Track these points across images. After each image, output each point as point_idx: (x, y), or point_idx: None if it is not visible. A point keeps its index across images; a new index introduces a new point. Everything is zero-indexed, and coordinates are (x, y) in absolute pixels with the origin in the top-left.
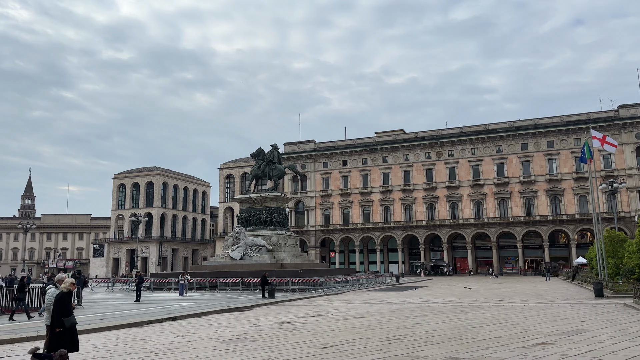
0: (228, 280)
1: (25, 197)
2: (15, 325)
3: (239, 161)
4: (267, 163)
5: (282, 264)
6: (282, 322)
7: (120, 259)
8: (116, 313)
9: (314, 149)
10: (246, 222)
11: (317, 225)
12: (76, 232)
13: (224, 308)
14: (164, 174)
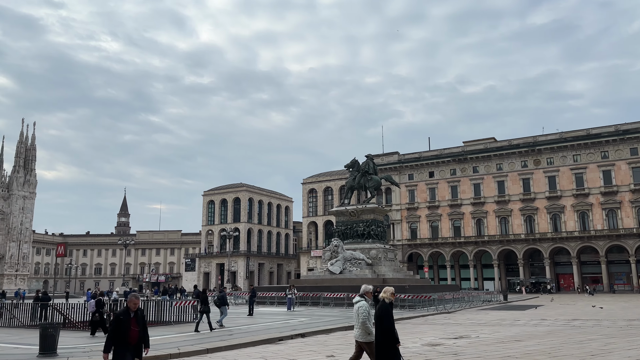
0: (331, 295)
1: (121, 215)
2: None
3: (321, 175)
4: (362, 174)
5: (384, 279)
6: (428, 344)
7: (211, 273)
8: (240, 328)
9: (398, 161)
10: (343, 235)
11: (404, 239)
12: (168, 247)
13: (347, 325)
14: (249, 190)
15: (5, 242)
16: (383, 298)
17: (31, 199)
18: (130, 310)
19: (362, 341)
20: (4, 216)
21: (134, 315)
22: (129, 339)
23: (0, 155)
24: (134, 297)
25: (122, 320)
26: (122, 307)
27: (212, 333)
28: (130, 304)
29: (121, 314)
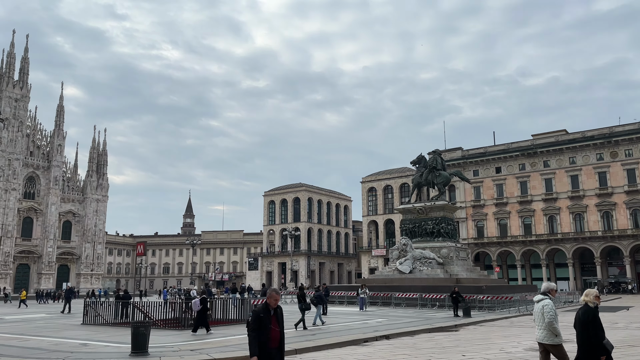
0: (403, 295)
1: (187, 216)
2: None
3: (380, 174)
4: (430, 170)
5: (458, 279)
6: (531, 348)
7: (273, 272)
8: (320, 328)
9: (462, 157)
10: (410, 233)
11: (470, 238)
12: (231, 247)
13: (429, 327)
14: (308, 190)
15: (81, 243)
16: (586, 302)
17: (104, 202)
18: (270, 308)
19: (549, 343)
20: (80, 219)
21: (274, 313)
22: (270, 341)
23: (75, 161)
24: (274, 292)
25: (263, 318)
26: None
27: (304, 331)
28: (271, 300)
29: (261, 311)
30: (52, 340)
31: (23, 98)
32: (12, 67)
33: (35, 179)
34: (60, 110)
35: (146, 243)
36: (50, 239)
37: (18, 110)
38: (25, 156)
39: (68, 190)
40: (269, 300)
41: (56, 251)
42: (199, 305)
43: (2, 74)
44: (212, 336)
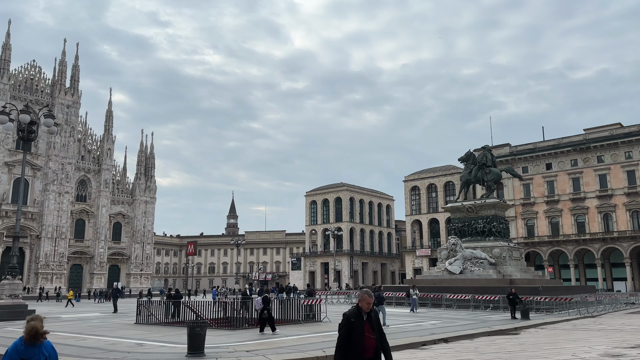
0: (454, 296)
1: (230, 217)
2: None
3: (423, 172)
4: (479, 167)
5: (511, 280)
6: (606, 354)
7: (316, 272)
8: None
9: (510, 153)
10: (460, 232)
11: (519, 237)
12: (274, 247)
13: (488, 330)
14: (350, 190)
15: (130, 244)
16: None
17: (152, 203)
18: (363, 312)
19: None
20: (129, 220)
21: (367, 318)
22: (364, 350)
23: (124, 165)
24: (366, 294)
25: (354, 324)
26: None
27: None
28: (363, 303)
29: (352, 315)
30: (108, 340)
31: (74, 104)
32: (63, 75)
33: (86, 182)
34: (109, 116)
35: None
36: (101, 240)
37: (70, 116)
38: (77, 160)
39: (118, 192)
40: (362, 303)
41: (107, 252)
42: (261, 305)
43: (55, 82)
44: (267, 336)
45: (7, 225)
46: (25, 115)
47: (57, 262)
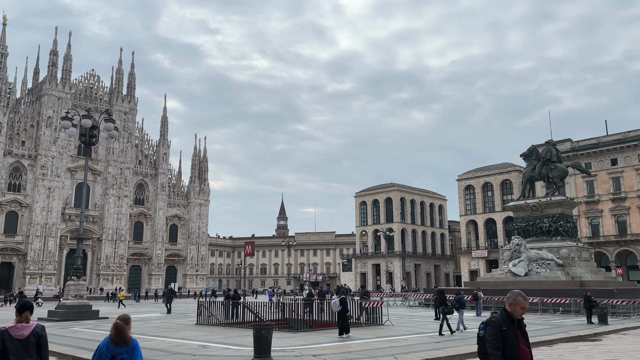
0: None
1: (280, 218)
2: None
3: (478, 171)
4: (543, 163)
5: (582, 282)
6: None
7: (367, 273)
8: (444, 333)
9: (571, 149)
10: (523, 232)
11: (583, 237)
12: (324, 248)
13: (566, 336)
14: (400, 190)
15: (186, 246)
16: None
17: (206, 206)
18: (515, 318)
19: None
20: (184, 222)
21: (518, 326)
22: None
23: (179, 169)
24: (521, 297)
25: (507, 334)
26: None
27: (449, 337)
28: (516, 307)
29: (503, 322)
30: (171, 341)
31: (131, 111)
32: (120, 83)
33: (144, 186)
34: (164, 121)
35: (254, 243)
36: (158, 242)
37: (127, 122)
38: (135, 165)
39: (173, 195)
40: (513, 307)
41: (164, 253)
42: (339, 306)
43: (113, 89)
44: (333, 340)
45: (71, 228)
46: (87, 120)
47: (117, 264)
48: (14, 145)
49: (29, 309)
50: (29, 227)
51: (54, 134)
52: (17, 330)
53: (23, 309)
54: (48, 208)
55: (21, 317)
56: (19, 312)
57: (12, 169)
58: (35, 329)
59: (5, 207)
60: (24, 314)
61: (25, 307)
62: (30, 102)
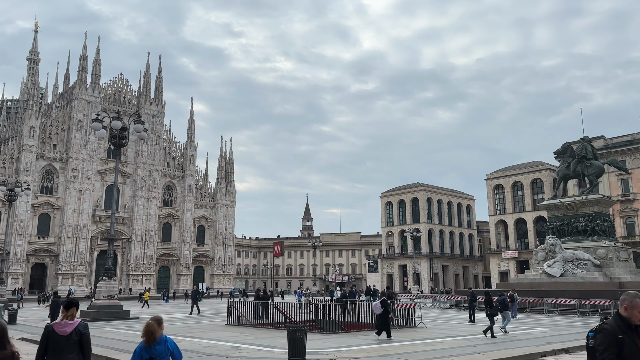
0: (557, 301)
1: (305, 219)
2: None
3: (507, 169)
4: (578, 160)
5: (621, 283)
6: None
7: (394, 274)
8: (478, 337)
9: (605, 146)
10: (558, 232)
11: (618, 236)
12: (349, 249)
13: None
14: (427, 190)
15: (213, 246)
16: None
17: (232, 207)
18: (633, 324)
19: None
20: (211, 223)
21: (637, 332)
22: None
23: (205, 170)
24: (639, 299)
25: (624, 342)
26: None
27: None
28: (635, 311)
29: (618, 329)
30: (203, 342)
31: (159, 114)
32: (148, 86)
33: (171, 187)
34: (191, 124)
35: (283, 244)
36: (186, 243)
37: (155, 125)
38: (163, 167)
39: (200, 197)
40: (630, 312)
41: (192, 254)
42: (381, 309)
43: (140, 93)
44: (366, 342)
45: (101, 229)
46: (117, 122)
47: (146, 264)
48: (46, 149)
49: (75, 305)
50: (60, 229)
51: (84, 137)
52: (61, 327)
53: (70, 306)
54: (79, 210)
55: (67, 313)
56: (65, 309)
57: (45, 171)
58: (78, 327)
59: (38, 209)
60: (70, 310)
61: (72, 303)
62: (61, 106)
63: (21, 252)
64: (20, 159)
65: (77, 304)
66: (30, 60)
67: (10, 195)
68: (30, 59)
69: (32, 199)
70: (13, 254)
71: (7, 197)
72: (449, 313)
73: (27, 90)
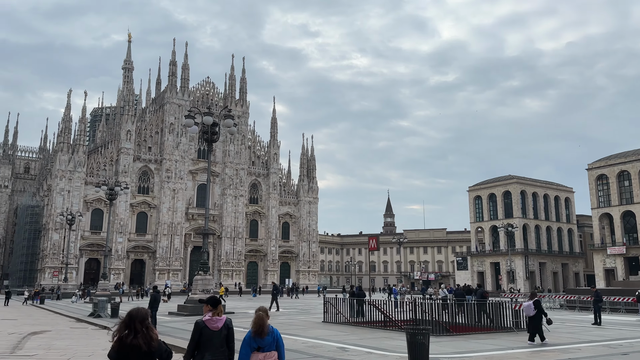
0: None
1: (387, 215)
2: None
3: (612, 158)
4: None
5: None
6: None
7: (485, 272)
8: (624, 344)
9: None
10: None
11: None
12: (434, 245)
13: None
14: (520, 182)
15: (298, 243)
16: None
17: (315, 203)
18: None
19: None
20: (296, 220)
21: None
22: None
23: (288, 168)
24: None
25: None
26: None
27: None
28: None
29: None
30: (305, 341)
31: (244, 114)
32: (233, 88)
33: (257, 185)
34: (273, 123)
35: (378, 238)
36: (272, 239)
37: (240, 125)
38: (249, 166)
39: (284, 194)
40: None
41: (278, 250)
42: (534, 310)
43: (226, 95)
44: (486, 347)
45: (194, 227)
46: (208, 117)
47: (235, 260)
48: (142, 151)
49: (219, 302)
50: (156, 227)
51: (176, 139)
52: (213, 323)
53: (217, 303)
54: (173, 208)
55: (216, 311)
56: (212, 306)
57: (141, 172)
58: (226, 322)
59: (136, 208)
60: (218, 307)
61: (218, 301)
62: (154, 110)
63: (122, 249)
64: (119, 161)
65: (220, 301)
66: (125, 69)
67: (111, 195)
68: (125, 67)
69: (130, 199)
70: (114, 250)
71: (108, 196)
72: (563, 314)
73: (123, 97)
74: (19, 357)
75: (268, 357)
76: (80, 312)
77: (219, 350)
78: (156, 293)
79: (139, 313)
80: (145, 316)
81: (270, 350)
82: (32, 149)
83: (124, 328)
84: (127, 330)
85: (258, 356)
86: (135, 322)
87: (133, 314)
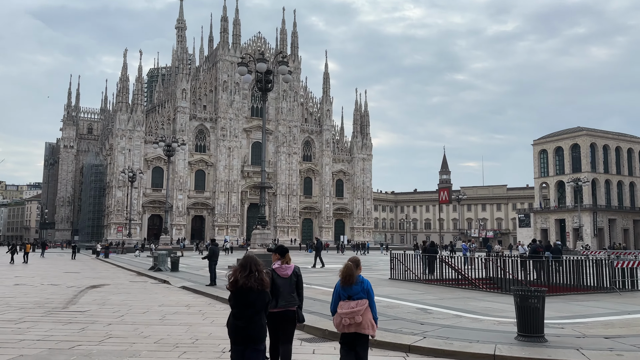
0: None
1: (442, 172)
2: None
3: None
4: None
5: None
6: None
7: (549, 230)
8: None
9: None
10: None
11: None
12: (494, 203)
13: None
14: (590, 134)
15: (352, 200)
16: None
17: (368, 160)
18: None
19: None
20: (349, 177)
21: None
22: None
23: (341, 125)
24: None
25: None
26: None
27: None
28: None
29: None
30: (379, 300)
31: (296, 70)
32: (284, 42)
33: (310, 143)
34: (325, 78)
35: (450, 189)
36: (326, 197)
37: (292, 81)
38: (301, 123)
39: (338, 151)
40: None
41: (332, 207)
42: None
43: (278, 50)
44: (595, 312)
45: (249, 184)
46: (262, 64)
47: (290, 217)
48: (197, 110)
49: (287, 251)
50: (214, 184)
51: (229, 97)
52: (283, 270)
53: (285, 252)
54: (229, 166)
55: (284, 259)
56: (281, 255)
57: (197, 131)
58: (294, 269)
59: (194, 166)
60: (286, 256)
61: (286, 250)
62: (208, 68)
63: (182, 206)
64: (176, 120)
65: (287, 249)
66: (178, 28)
67: (169, 151)
68: (178, 27)
69: (188, 157)
70: (175, 207)
71: (166, 152)
72: None
73: (177, 57)
74: (70, 312)
75: (360, 304)
76: (142, 265)
77: (290, 295)
78: (214, 246)
79: (253, 257)
80: (258, 261)
81: (361, 299)
82: (94, 110)
83: (240, 268)
84: (241, 270)
85: (350, 304)
86: (251, 264)
87: (249, 256)
